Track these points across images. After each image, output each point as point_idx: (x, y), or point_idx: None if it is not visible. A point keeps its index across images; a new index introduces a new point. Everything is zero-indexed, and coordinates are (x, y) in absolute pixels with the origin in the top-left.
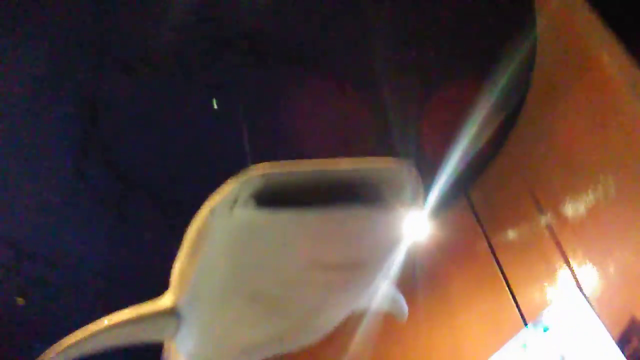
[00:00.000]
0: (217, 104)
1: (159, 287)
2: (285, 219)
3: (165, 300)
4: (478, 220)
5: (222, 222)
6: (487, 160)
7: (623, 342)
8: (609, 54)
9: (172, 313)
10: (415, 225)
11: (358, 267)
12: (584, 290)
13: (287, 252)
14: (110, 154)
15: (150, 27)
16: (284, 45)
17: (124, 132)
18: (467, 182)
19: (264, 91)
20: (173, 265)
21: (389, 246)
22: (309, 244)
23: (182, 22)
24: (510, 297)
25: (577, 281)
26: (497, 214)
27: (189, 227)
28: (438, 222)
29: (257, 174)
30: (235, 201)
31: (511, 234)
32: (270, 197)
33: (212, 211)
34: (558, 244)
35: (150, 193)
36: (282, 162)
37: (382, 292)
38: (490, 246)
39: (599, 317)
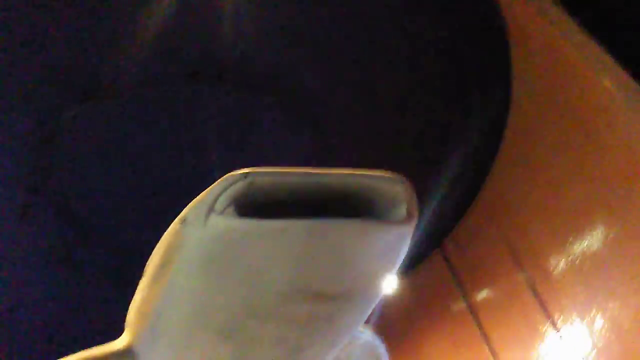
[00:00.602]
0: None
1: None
2: (269, 229)
3: (120, 342)
4: (454, 275)
5: (195, 233)
6: (461, 211)
7: None
8: (611, 80)
9: (127, 357)
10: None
11: (346, 297)
12: (571, 348)
13: (269, 271)
14: (62, 194)
15: (117, 54)
16: (254, 74)
17: (81, 168)
18: (441, 234)
19: (233, 122)
20: (131, 303)
21: (381, 273)
22: (294, 263)
23: (150, 50)
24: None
25: (562, 339)
26: (474, 268)
27: (156, 247)
28: (410, 276)
29: (239, 176)
30: (211, 208)
31: (490, 290)
32: (253, 206)
33: (184, 221)
34: (540, 300)
35: (105, 242)
36: (268, 167)
37: (360, 337)
38: (468, 303)
39: None
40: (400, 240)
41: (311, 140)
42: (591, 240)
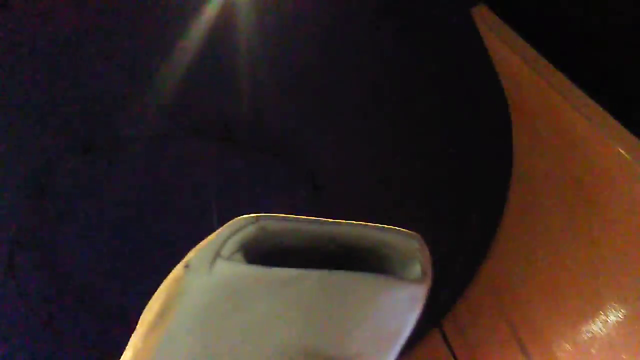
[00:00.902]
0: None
1: None
2: (280, 278)
3: None
4: (454, 356)
5: (199, 279)
6: (461, 287)
7: None
8: (625, 149)
9: None
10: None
11: None
12: None
13: (275, 326)
14: (48, 250)
15: (121, 107)
16: (262, 135)
17: (71, 225)
18: (439, 311)
19: (234, 182)
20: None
21: (389, 339)
22: (303, 318)
23: (158, 105)
24: None
25: None
26: (475, 350)
27: (154, 294)
28: (407, 356)
29: (250, 219)
30: (218, 253)
31: None
32: (261, 253)
33: (187, 266)
34: None
35: (89, 306)
36: (278, 214)
37: None
38: None
39: None
40: (413, 301)
41: (307, 201)
42: (598, 322)
